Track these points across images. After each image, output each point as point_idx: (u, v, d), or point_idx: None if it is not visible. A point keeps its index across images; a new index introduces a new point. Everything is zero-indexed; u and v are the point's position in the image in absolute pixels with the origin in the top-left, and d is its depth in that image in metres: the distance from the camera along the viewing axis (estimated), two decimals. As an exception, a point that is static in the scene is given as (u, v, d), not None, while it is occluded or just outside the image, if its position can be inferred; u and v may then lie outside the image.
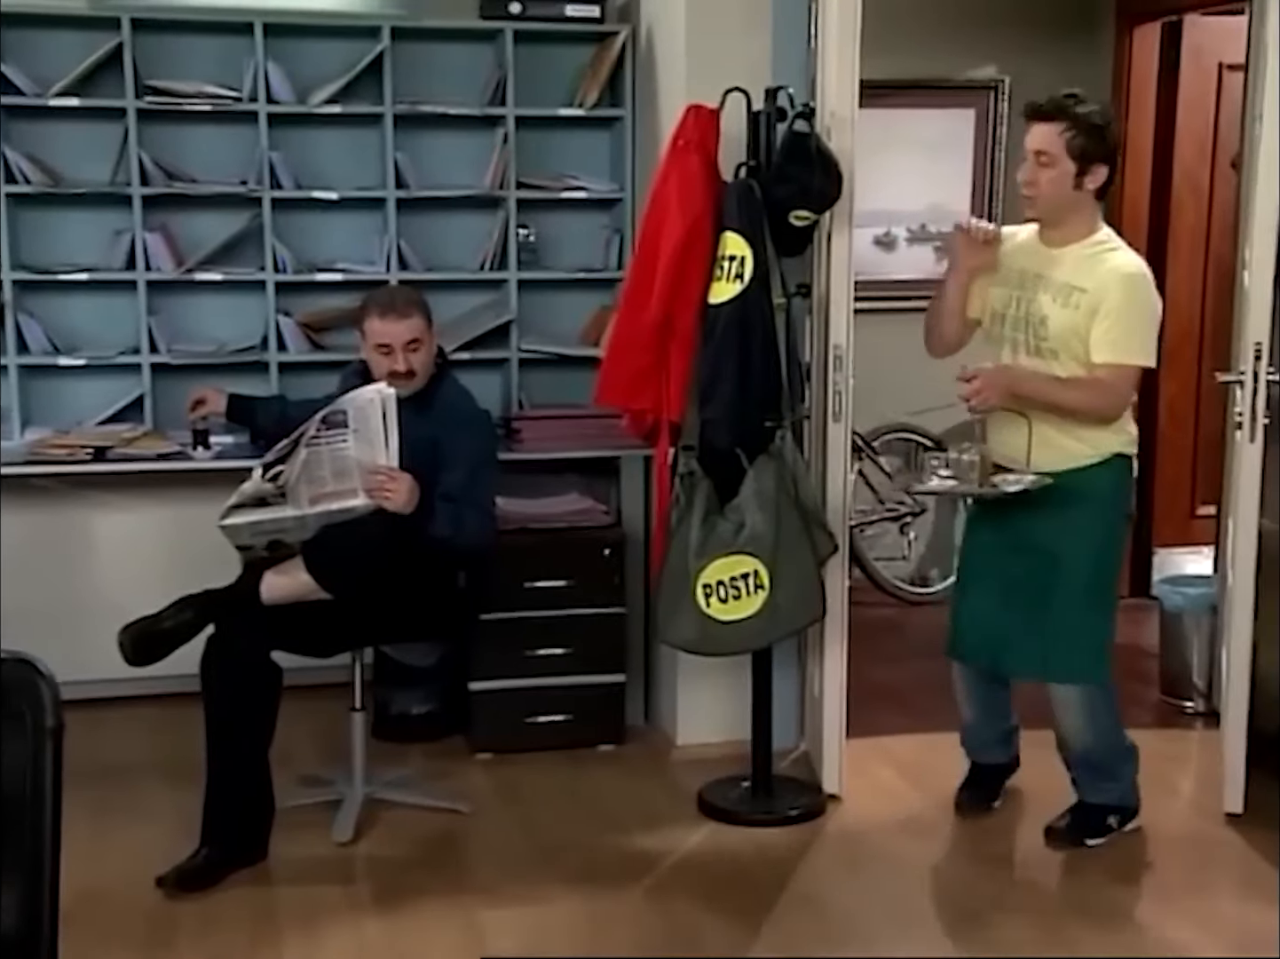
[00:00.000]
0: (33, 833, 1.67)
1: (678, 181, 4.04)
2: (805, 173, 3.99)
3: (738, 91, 4.10)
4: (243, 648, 3.90)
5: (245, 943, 3.55)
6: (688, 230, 4.00)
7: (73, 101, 4.68)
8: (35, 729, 1.68)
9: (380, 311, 4.05)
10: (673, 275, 4.01)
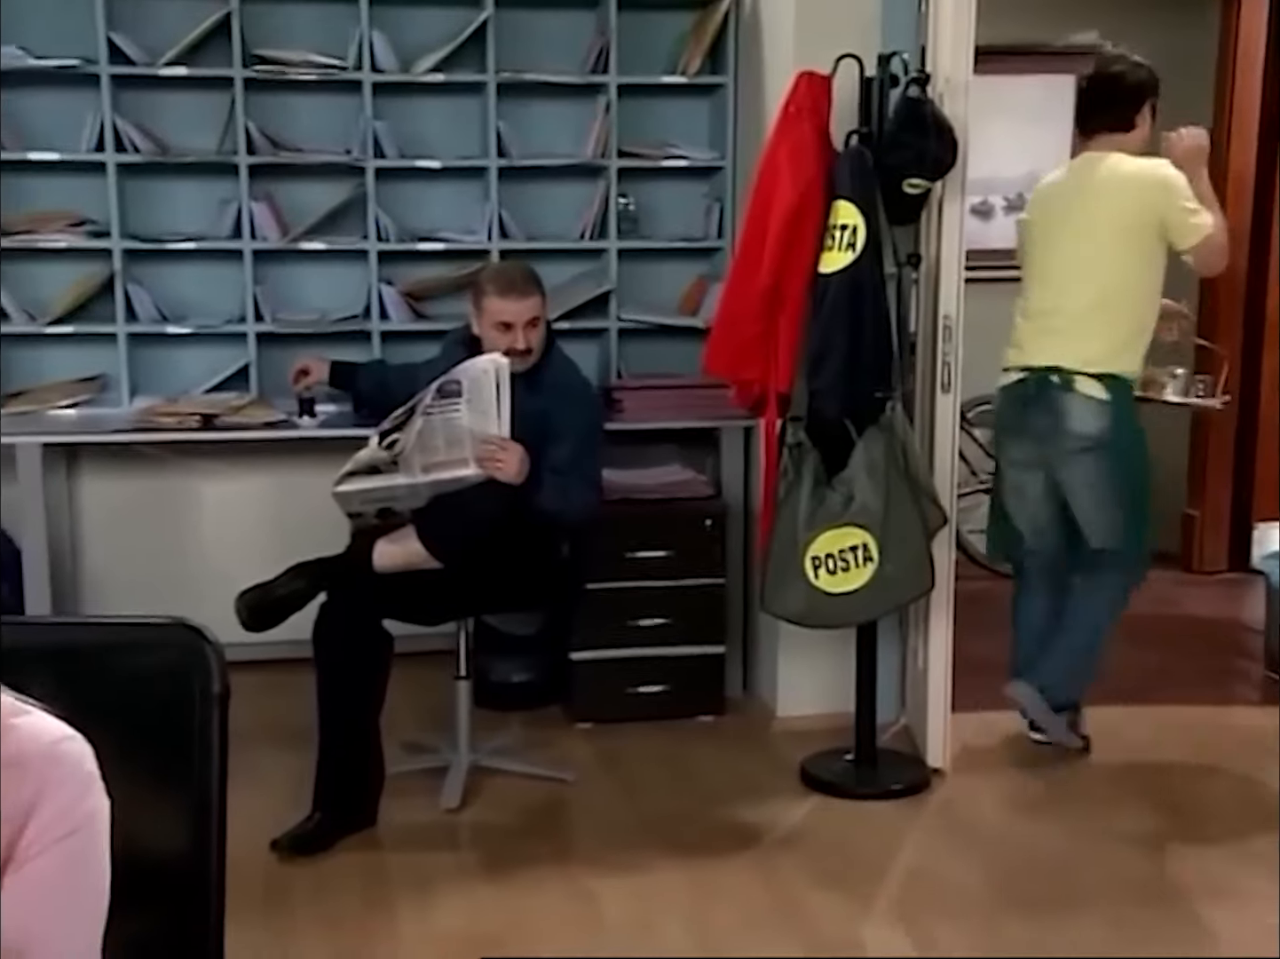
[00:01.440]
0: (201, 796, 1.69)
1: (789, 149, 4.01)
2: (920, 140, 3.95)
3: (850, 58, 4.06)
4: (355, 616, 3.93)
5: (359, 906, 3.59)
6: (799, 198, 3.96)
7: (181, 71, 4.70)
8: (203, 694, 1.69)
9: (501, 290, 4.04)
10: (783, 244, 3.99)
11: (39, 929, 1.37)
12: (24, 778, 1.37)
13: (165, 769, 1.65)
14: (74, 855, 1.40)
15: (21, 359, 4.84)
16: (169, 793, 1.64)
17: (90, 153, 4.70)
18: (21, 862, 1.37)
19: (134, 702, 1.59)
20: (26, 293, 4.81)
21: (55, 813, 1.38)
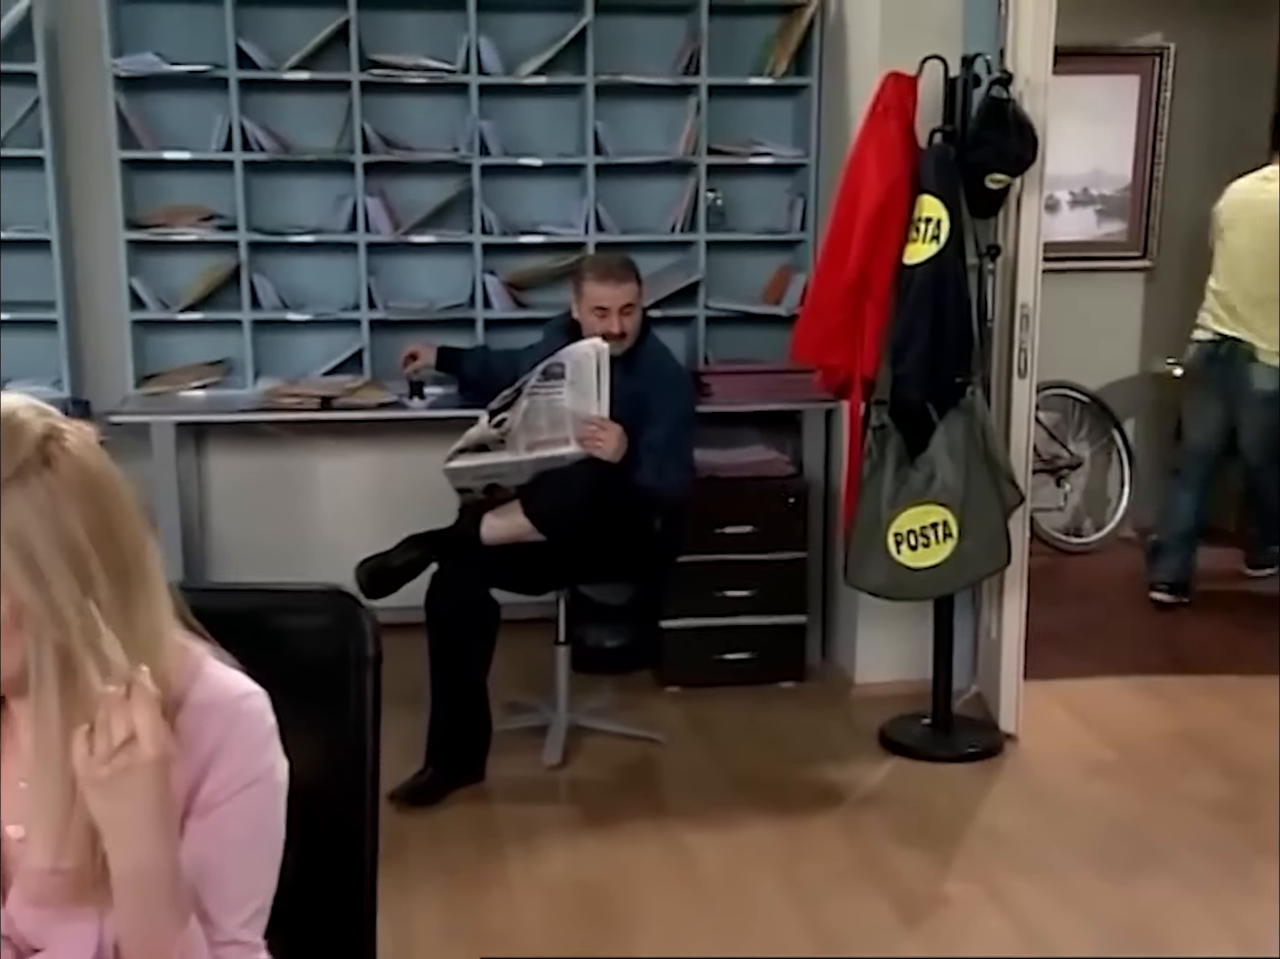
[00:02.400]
0: (356, 748, 1.69)
1: (876, 146, 3.95)
2: (1002, 137, 3.89)
3: (935, 59, 4.00)
4: (464, 585, 3.94)
5: (472, 855, 3.61)
6: (885, 193, 3.91)
7: (303, 75, 4.70)
8: (358, 658, 1.70)
9: (599, 276, 4.04)
10: (870, 237, 3.94)
11: (219, 873, 1.38)
12: (210, 724, 1.38)
13: (324, 722, 1.65)
14: (255, 804, 1.40)
15: (155, 344, 4.87)
16: (328, 745, 1.64)
17: (219, 152, 4.72)
18: (206, 808, 1.37)
19: (295, 661, 1.59)
20: (160, 282, 4.83)
21: (239, 762, 1.39)
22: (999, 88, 3.92)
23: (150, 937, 1.30)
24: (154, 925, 1.30)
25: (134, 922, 1.31)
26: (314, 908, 1.62)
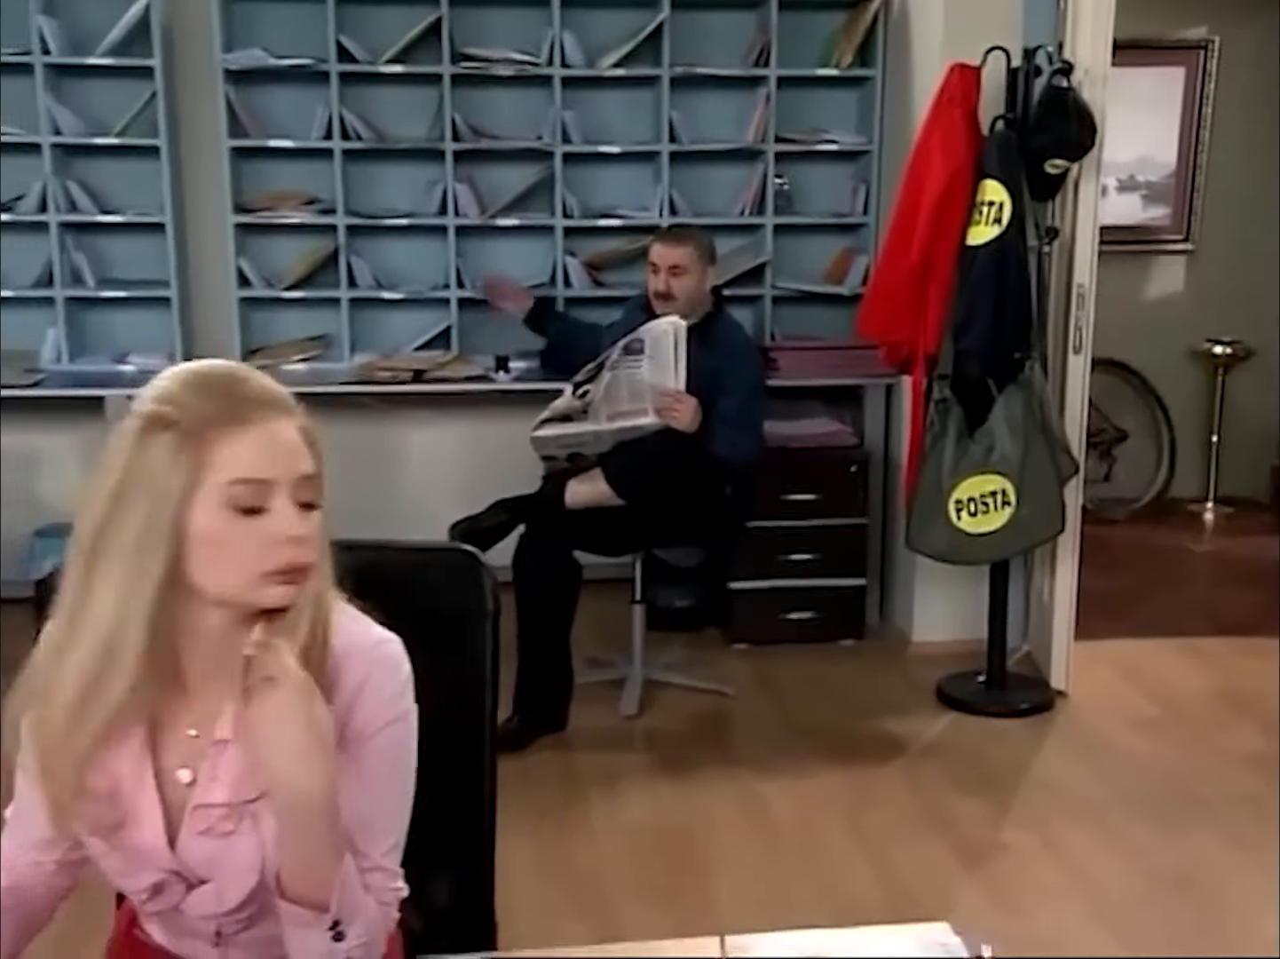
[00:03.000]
0: (477, 701, 1.71)
1: (941, 134, 3.91)
2: (1062, 124, 3.84)
3: (998, 50, 3.95)
4: (549, 547, 3.95)
5: (559, 799, 3.62)
6: (949, 178, 3.87)
7: (398, 68, 4.70)
8: (478, 611, 1.71)
9: (659, 236, 4.15)
10: (934, 220, 3.90)
11: (364, 805, 1.40)
12: (353, 667, 1.40)
13: (447, 670, 1.67)
14: (395, 742, 1.42)
15: (260, 320, 4.91)
16: (451, 690, 1.66)
17: (320, 140, 4.72)
18: (352, 744, 1.39)
19: (420, 613, 1.60)
20: (265, 262, 4.86)
21: (379, 703, 1.41)
22: (1060, 77, 3.86)
23: (312, 865, 1.32)
24: (315, 855, 1.32)
25: (296, 851, 1.32)
26: (439, 842, 1.64)
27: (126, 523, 1.28)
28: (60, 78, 4.67)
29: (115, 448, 1.31)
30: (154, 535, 1.27)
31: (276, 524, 1.30)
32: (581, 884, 3.19)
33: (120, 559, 1.28)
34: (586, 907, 3.09)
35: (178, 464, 1.27)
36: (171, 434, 1.28)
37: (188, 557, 1.29)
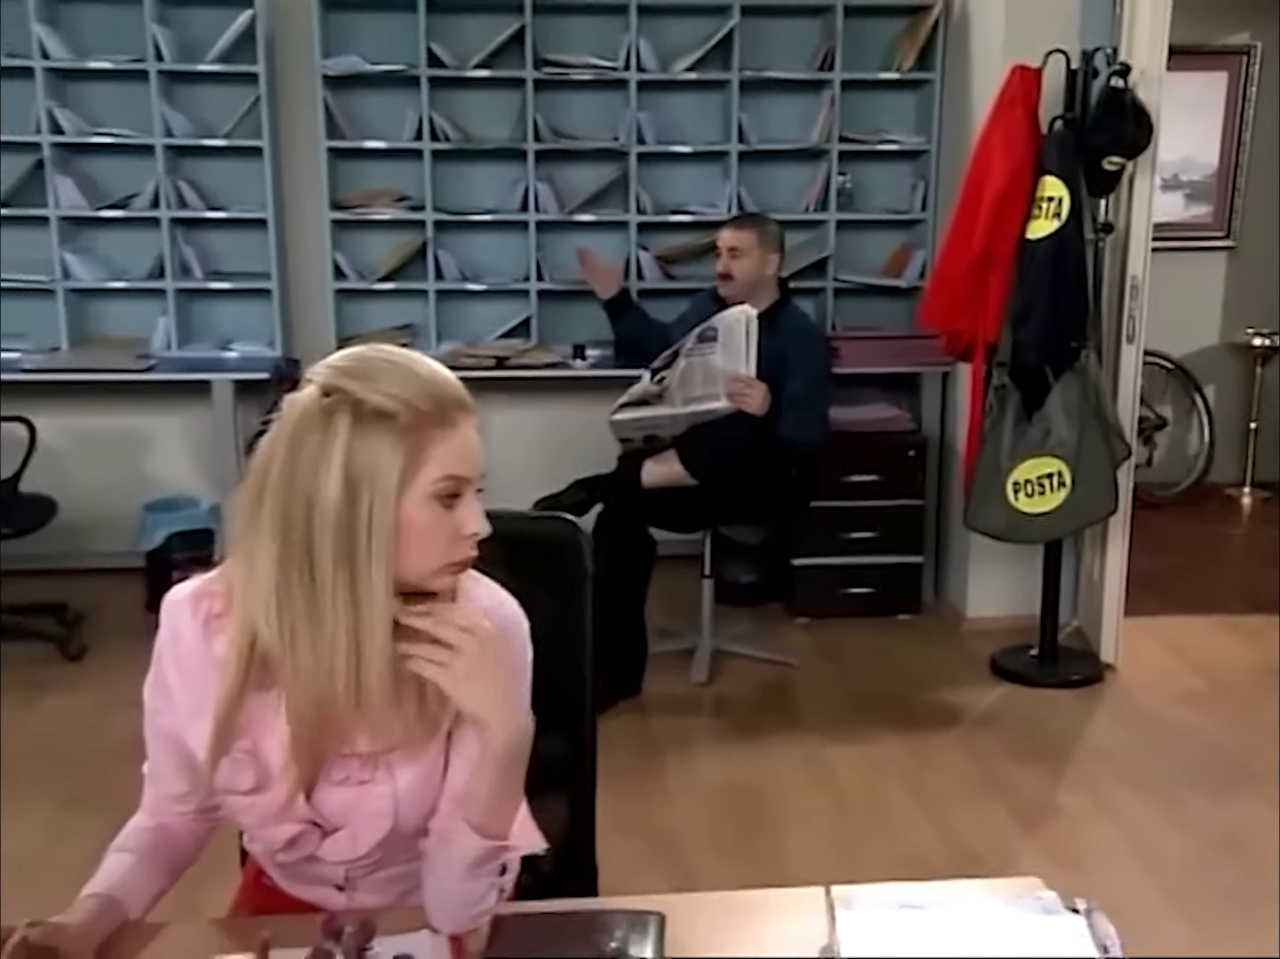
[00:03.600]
0: (576, 646, 1.72)
1: (1003, 132, 3.86)
2: (1120, 123, 3.77)
3: (1058, 53, 3.88)
4: (626, 523, 3.94)
5: (636, 760, 3.62)
6: (1011, 175, 3.82)
7: (484, 73, 4.69)
8: (578, 574, 1.72)
9: (727, 222, 4.14)
10: (995, 214, 3.85)
11: None
12: None
13: (550, 627, 1.67)
14: (522, 696, 1.42)
15: (353, 310, 4.92)
16: (553, 646, 1.65)
17: (410, 141, 4.73)
18: None
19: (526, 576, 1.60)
20: (358, 256, 4.88)
21: (509, 659, 1.40)
22: (1117, 78, 3.79)
23: (502, 801, 1.34)
24: (507, 791, 1.35)
25: (492, 787, 1.33)
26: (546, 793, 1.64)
27: (358, 510, 1.26)
28: (172, 84, 4.70)
29: (298, 424, 1.29)
30: (382, 526, 1.27)
31: (466, 520, 1.32)
32: (659, 840, 3.19)
33: (356, 548, 1.27)
34: (664, 861, 3.08)
35: (396, 458, 1.27)
36: (391, 429, 1.27)
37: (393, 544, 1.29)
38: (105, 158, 4.75)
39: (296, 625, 1.29)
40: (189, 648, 1.39)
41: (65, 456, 4.77)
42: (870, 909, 1.32)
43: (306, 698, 1.32)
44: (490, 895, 1.37)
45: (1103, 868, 3.06)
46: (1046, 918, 1.29)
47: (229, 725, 1.35)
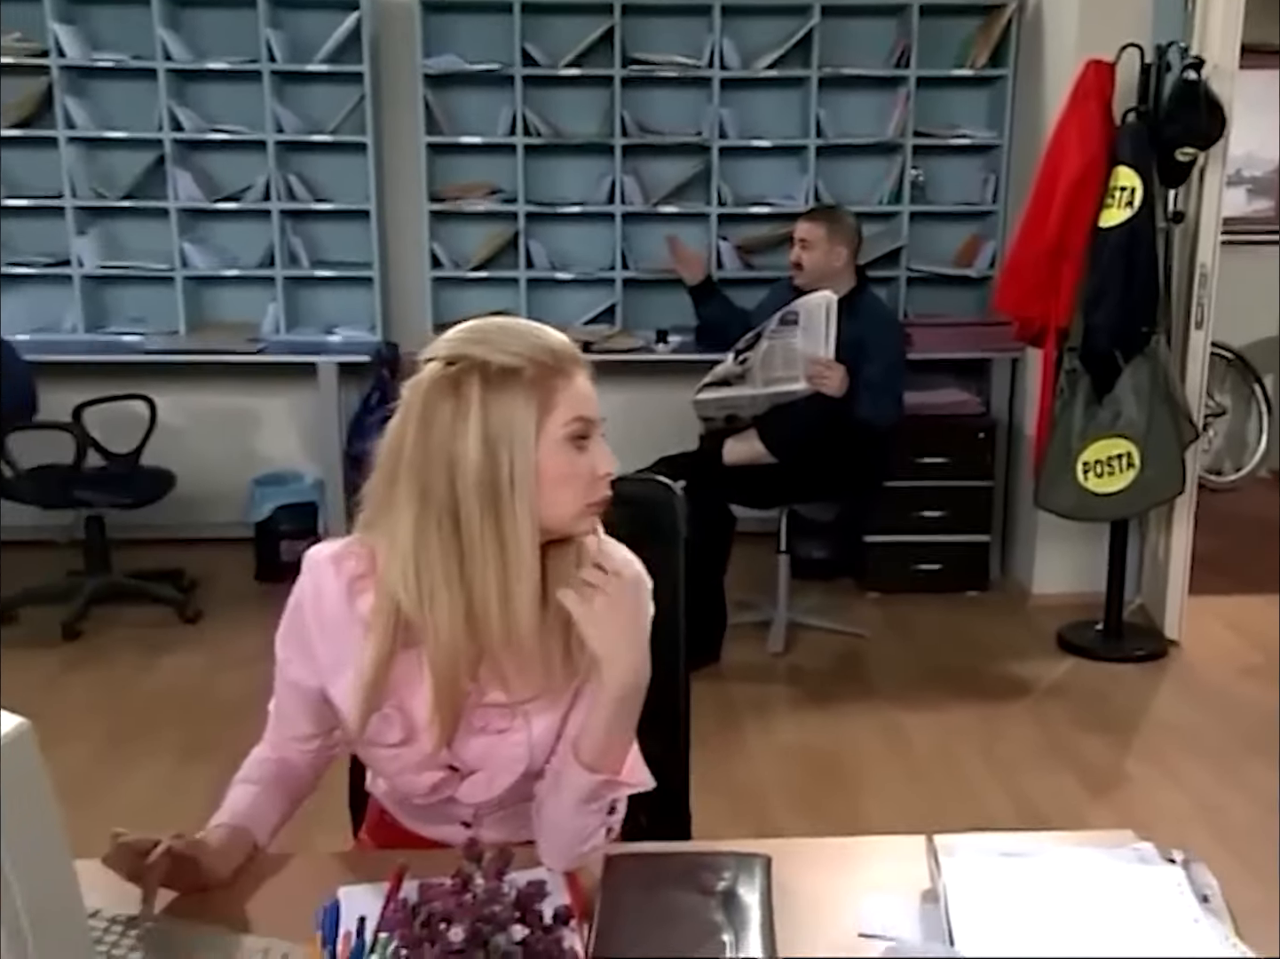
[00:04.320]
0: (672, 615, 1.71)
1: (1078, 125, 3.78)
2: (1193, 115, 3.69)
3: (1133, 47, 3.80)
4: (708, 499, 3.92)
5: (716, 725, 3.61)
6: (1085, 165, 3.75)
7: (574, 71, 4.69)
8: (672, 535, 1.72)
9: (802, 214, 4.11)
10: (1069, 204, 3.78)
11: None
12: None
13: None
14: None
15: (448, 297, 4.94)
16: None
17: (504, 136, 4.74)
18: None
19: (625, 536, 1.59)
20: (454, 246, 4.90)
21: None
22: (1191, 71, 3.70)
23: (617, 738, 1.36)
24: (622, 730, 1.36)
25: (608, 725, 1.35)
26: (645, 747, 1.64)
27: (499, 465, 1.28)
28: (283, 83, 4.75)
29: (426, 399, 1.31)
30: (524, 475, 1.29)
31: (598, 460, 1.34)
32: (742, 798, 3.18)
33: (501, 501, 1.29)
34: (748, 817, 3.07)
35: (530, 409, 1.29)
36: (519, 383, 1.29)
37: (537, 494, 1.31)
38: (221, 153, 4.81)
39: (436, 587, 1.31)
40: (332, 605, 1.39)
41: (182, 433, 4.84)
42: (971, 856, 1.31)
43: (447, 654, 1.34)
44: (598, 833, 1.37)
45: (1171, 832, 2.96)
46: (1144, 867, 1.27)
47: (379, 687, 1.36)
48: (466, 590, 1.31)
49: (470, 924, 0.86)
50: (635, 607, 1.35)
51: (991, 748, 3.47)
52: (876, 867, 1.40)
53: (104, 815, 2.91)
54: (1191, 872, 1.24)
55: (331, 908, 1.04)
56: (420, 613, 1.32)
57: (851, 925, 1.27)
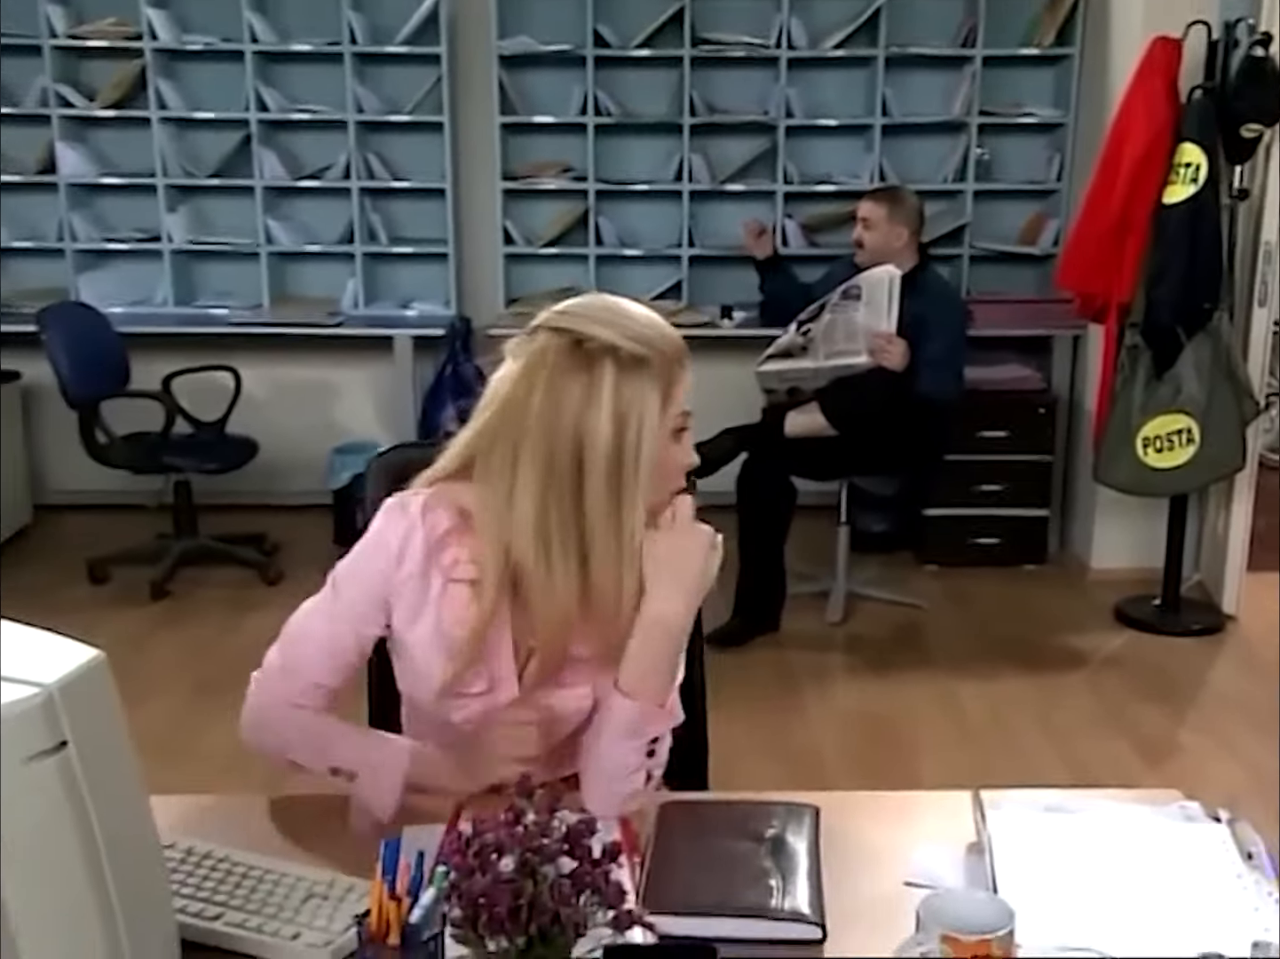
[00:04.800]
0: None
1: (1144, 101, 3.70)
2: (1260, 92, 3.59)
3: (1200, 24, 3.70)
4: (769, 470, 3.92)
5: (775, 691, 3.61)
6: (1150, 142, 3.66)
7: (645, 52, 4.67)
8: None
9: (865, 194, 4.09)
10: (1133, 180, 3.70)
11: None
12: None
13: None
14: None
15: (519, 273, 4.95)
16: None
17: (575, 116, 4.73)
18: None
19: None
20: (525, 222, 4.91)
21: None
22: (1259, 48, 3.60)
23: (660, 675, 1.38)
24: (664, 668, 1.38)
25: (652, 661, 1.37)
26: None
27: (626, 444, 1.32)
28: (364, 64, 4.78)
29: (554, 370, 1.33)
30: (648, 457, 1.33)
31: (689, 452, 1.40)
32: (798, 760, 3.18)
33: (624, 477, 1.33)
34: (805, 779, 3.07)
35: (655, 396, 1.33)
36: (648, 371, 1.33)
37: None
38: (303, 133, 4.85)
39: (555, 557, 1.34)
40: (415, 554, 1.40)
41: (265, 403, 4.91)
42: (1017, 809, 1.29)
43: (560, 622, 1.37)
44: (638, 775, 1.38)
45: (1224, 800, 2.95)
46: (1189, 824, 1.25)
47: (482, 640, 1.38)
48: (584, 563, 1.35)
49: (520, 855, 0.86)
50: (696, 554, 1.38)
51: (1047, 716, 3.43)
52: (924, 820, 1.39)
53: (189, 764, 2.98)
54: (1236, 830, 1.22)
55: (393, 844, 1.05)
56: (541, 570, 1.35)
57: (898, 875, 1.27)
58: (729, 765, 3.08)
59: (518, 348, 1.37)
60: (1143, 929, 1.11)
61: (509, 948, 0.86)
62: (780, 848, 1.28)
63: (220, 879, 1.24)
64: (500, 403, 1.36)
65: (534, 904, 0.85)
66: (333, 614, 1.44)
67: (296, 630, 1.46)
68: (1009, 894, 1.14)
